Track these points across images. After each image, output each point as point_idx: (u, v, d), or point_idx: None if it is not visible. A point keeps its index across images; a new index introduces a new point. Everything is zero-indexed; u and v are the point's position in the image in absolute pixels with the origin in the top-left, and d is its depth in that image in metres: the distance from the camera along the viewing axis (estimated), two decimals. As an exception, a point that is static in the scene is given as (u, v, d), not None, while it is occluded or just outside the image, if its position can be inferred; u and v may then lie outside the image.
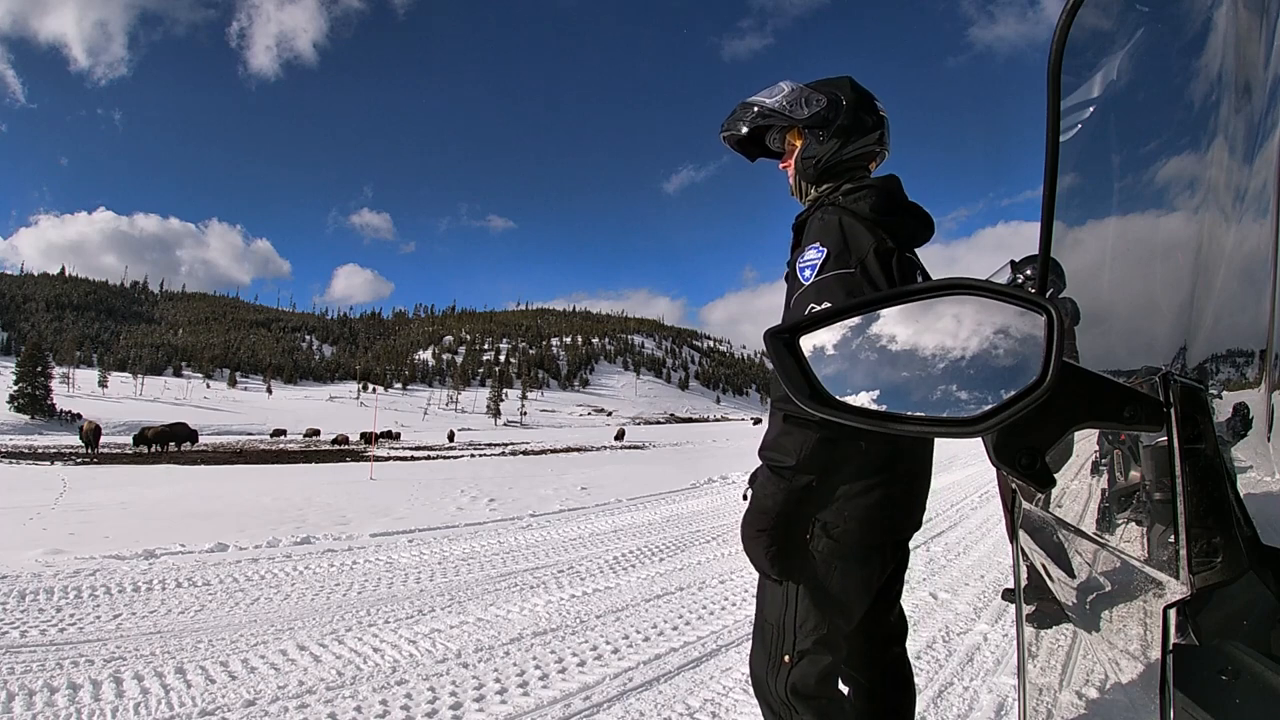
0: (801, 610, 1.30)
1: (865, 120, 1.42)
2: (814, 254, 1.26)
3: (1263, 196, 0.43)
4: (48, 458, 22.52)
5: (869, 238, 1.27)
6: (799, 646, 1.29)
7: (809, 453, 1.20)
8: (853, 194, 1.35)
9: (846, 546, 1.29)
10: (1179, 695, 0.43)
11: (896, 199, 1.39)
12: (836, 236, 1.27)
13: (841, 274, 1.23)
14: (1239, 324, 0.48)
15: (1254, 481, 0.46)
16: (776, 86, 1.45)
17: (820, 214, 1.32)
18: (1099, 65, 0.74)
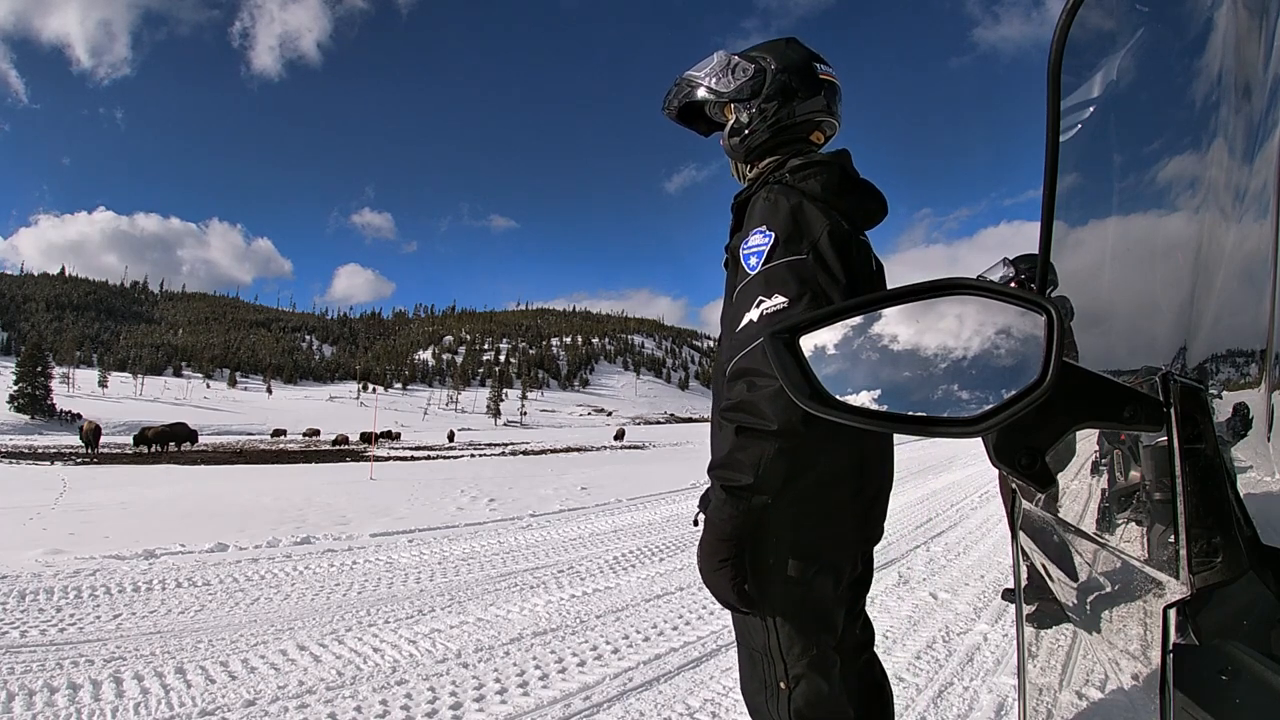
0: (785, 636, 1.20)
1: (798, 88, 1.28)
2: (760, 239, 1.14)
3: (1263, 196, 0.43)
4: (48, 458, 22.52)
5: (821, 220, 1.15)
6: (793, 672, 1.20)
7: (767, 467, 1.07)
8: (801, 171, 1.22)
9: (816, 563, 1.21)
10: (1179, 695, 0.43)
11: (849, 177, 1.27)
12: (785, 219, 1.14)
13: (792, 261, 1.11)
14: (1239, 324, 0.48)
15: (1254, 481, 0.46)
16: (710, 57, 1.33)
17: (765, 194, 1.19)
18: (1099, 65, 0.74)
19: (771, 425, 1.03)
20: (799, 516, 1.18)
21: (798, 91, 1.27)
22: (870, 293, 1.12)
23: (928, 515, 6.26)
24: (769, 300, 1.09)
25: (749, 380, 1.06)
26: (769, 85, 1.27)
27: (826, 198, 1.19)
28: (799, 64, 1.28)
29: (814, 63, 1.30)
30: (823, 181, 1.21)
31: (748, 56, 1.30)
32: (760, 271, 1.11)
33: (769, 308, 1.08)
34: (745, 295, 1.12)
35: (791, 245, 1.12)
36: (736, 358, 1.09)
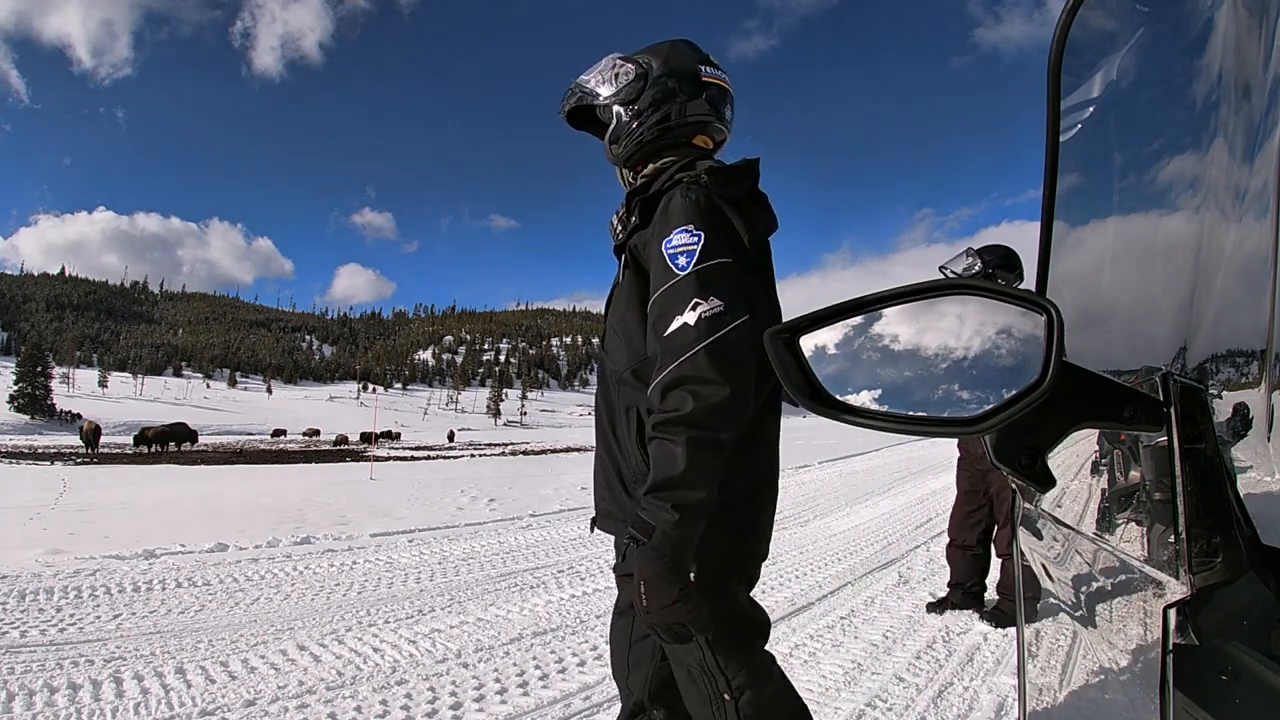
0: (721, 652, 1.16)
1: (680, 90, 1.25)
2: (688, 238, 1.09)
3: (1263, 196, 0.43)
4: (48, 458, 22.52)
5: (741, 225, 1.14)
6: (735, 682, 1.16)
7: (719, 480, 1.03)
8: (720, 176, 1.18)
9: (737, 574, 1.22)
10: (1179, 695, 0.43)
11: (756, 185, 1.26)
12: (712, 221, 1.11)
13: (724, 263, 1.08)
14: (1239, 324, 0.48)
15: (1254, 481, 0.46)
16: (599, 61, 1.32)
17: (684, 192, 1.14)
18: (1099, 65, 0.74)
19: (722, 436, 1.01)
20: (728, 529, 1.15)
21: (678, 94, 1.25)
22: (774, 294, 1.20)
23: (927, 515, 6.26)
24: (706, 303, 1.05)
25: (691, 390, 1.01)
26: (650, 88, 1.25)
27: (741, 204, 1.18)
28: (683, 66, 1.26)
29: (700, 65, 1.28)
30: (739, 188, 1.19)
31: (632, 59, 1.28)
32: (693, 272, 1.06)
33: (707, 311, 1.04)
34: (675, 296, 1.06)
35: (720, 247, 1.09)
36: (673, 365, 1.03)
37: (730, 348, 1.02)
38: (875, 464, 12.07)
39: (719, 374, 1.01)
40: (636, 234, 1.19)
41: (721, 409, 1.00)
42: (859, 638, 3.01)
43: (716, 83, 1.29)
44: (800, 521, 6.16)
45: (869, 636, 3.02)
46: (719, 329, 1.03)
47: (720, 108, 1.29)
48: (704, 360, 1.01)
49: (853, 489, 8.57)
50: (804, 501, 7.46)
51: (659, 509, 1.00)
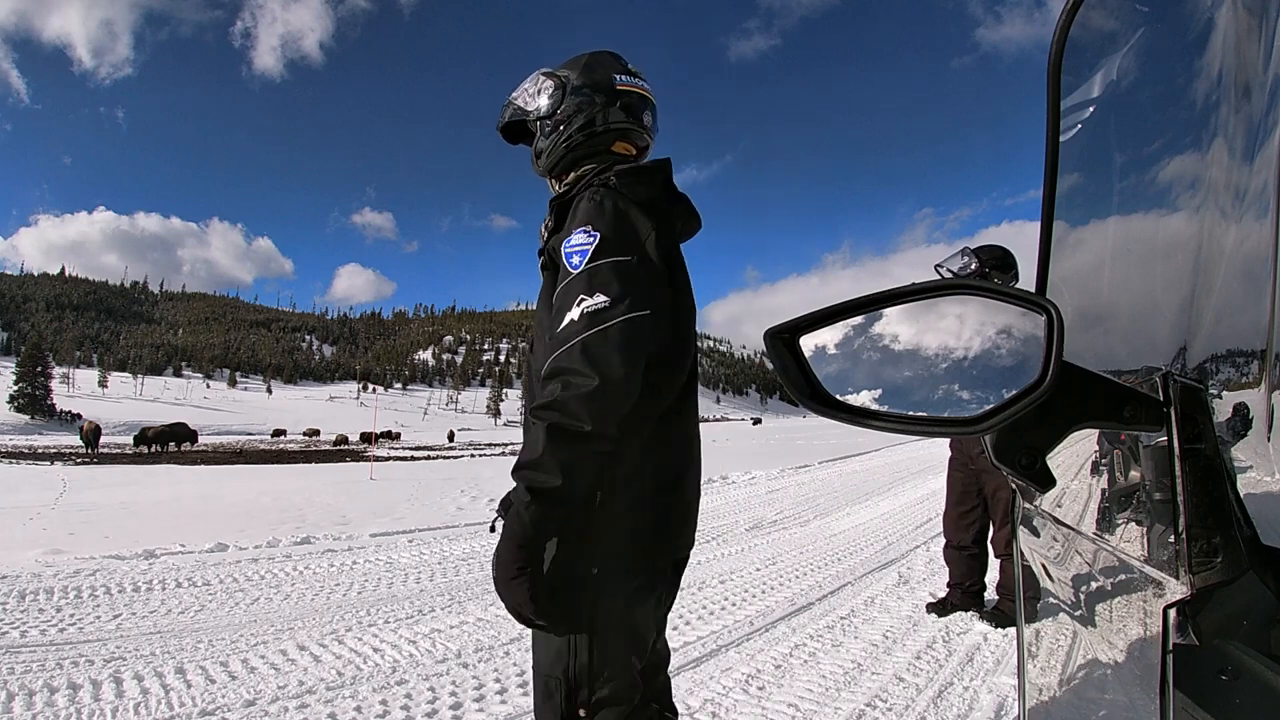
0: (597, 656, 1.12)
1: (595, 100, 1.28)
2: (584, 238, 1.11)
3: (1263, 196, 0.43)
4: (48, 458, 22.52)
5: (646, 224, 1.16)
6: (596, 695, 1.12)
7: (578, 471, 1.02)
8: (628, 177, 1.20)
9: (628, 575, 1.15)
10: (1179, 695, 0.43)
11: (671, 186, 1.28)
12: (611, 221, 1.13)
13: (617, 261, 1.09)
14: (1239, 324, 0.48)
15: (1254, 481, 0.46)
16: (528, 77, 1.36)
17: (590, 194, 1.16)
18: (1099, 65, 0.74)
19: (585, 426, 1.01)
20: (608, 524, 1.13)
21: (595, 105, 1.28)
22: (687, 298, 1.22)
23: (927, 515, 6.26)
24: (590, 299, 1.07)
25: (564, 379, 1.03)
26: (566, 101, 1.28)
27: (653, 205, 1.20)
28: (599, 77, 1.29)
29: (616, 74, 1.30)
30: (649, 189, 1.21)
31: (553, 74, 1.31)
32: (584, 270, 1.09)
33: (590, 306, 1.06)
34: (567, 294, 1.09)
35: (616, 246, 1.11)
36: (554, 356, 1.06)
37: (607, 341, 1.04)
38: (875, 464, 12.07)
39: (589, 366, 1.03)
40: (553, 238, 1.22)
41: (587, 400, 1.01)
42: (859, 638, 3.01)
43: (633, 90, 1.31)
44: (800, 522, 6.16)
45: (869, 636, 3.02)
46: (598, 324, 1.05)
47: (639, 114, 1.32)
48: (578, 353, 1.04)
49: (853, 489, 8.57)
50: (804, 501, 7.46)
51: (517, 487, 1.04)
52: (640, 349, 1.06)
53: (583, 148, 1.30)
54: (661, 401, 1.18)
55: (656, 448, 1.18)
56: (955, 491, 3.43)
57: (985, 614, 3.21)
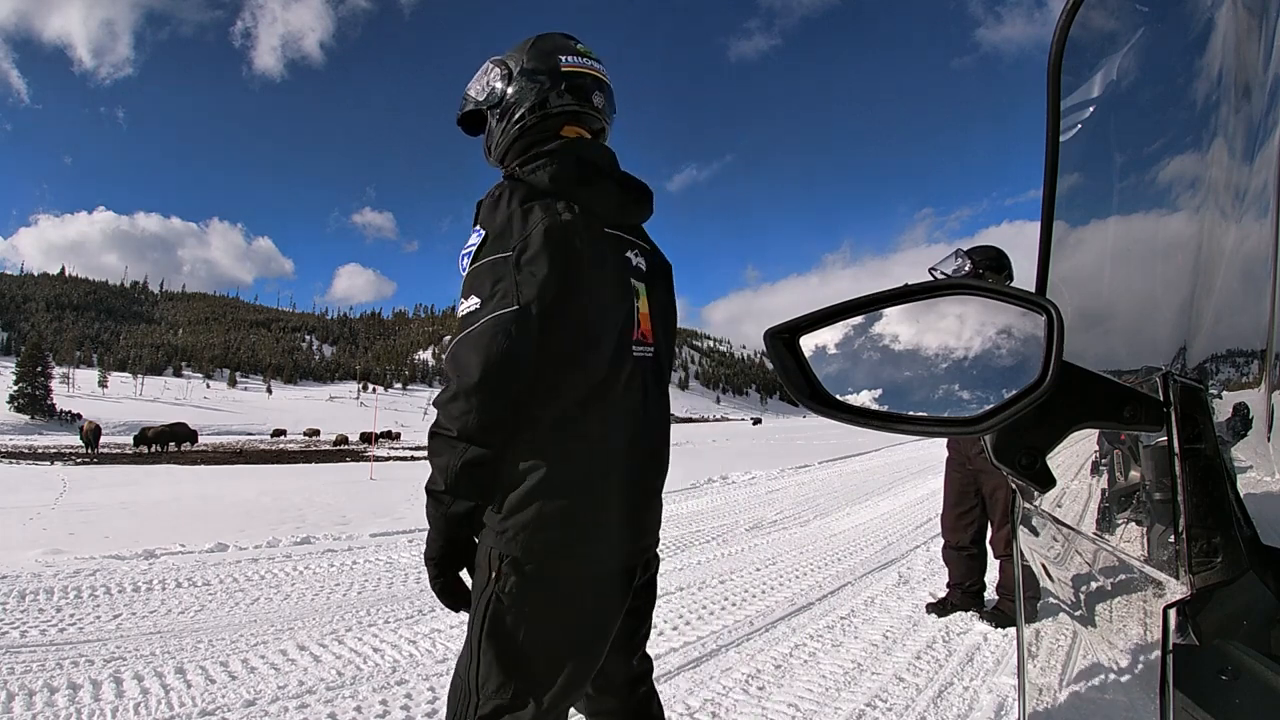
0: (484, 666, 1.07)
1: (538, 84, 1.21)
2: (473, 239, 1.09)
3: (1263, 196, 0.43)
4: (48, 458, 22.52)
5: (540, 214, 1.07)
6: (480, 711, 1.07)
7: (456, 476, 1.02)
8: (531, 164, 1.15)
9: (545, 585, 1.08)
10: (1179, 695, 0.43)
11: (589, 165, 1.18)
12: (501, 215, 1.08)
13: (495, 260, 1.05)
14: (1239, 324, 0.48)
15: (1254, 481, 0.46)
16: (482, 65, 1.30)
17: (492, 190, 1.12)
18: (1099, 65, 0.74)
19: (451, 431, 1.02)
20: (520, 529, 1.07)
21: (542, 88, 1.22)
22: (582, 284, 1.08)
23: (927, 515, 6.26)
24: (465, 302, 1.06)
25: (445, 384, 1.06)
26: (513, 86, 1.22)
27: (557, 189, 1.12)
28: (543, 60, 1.23)
29: (560, 55, 1.24)
30: (551, 172, 1.13)
31: (500, 60, 1.26)
32: (468, 272, 1.08)
33: (463, 310, 1.06)
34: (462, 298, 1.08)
35: (499, 243, 1.06)
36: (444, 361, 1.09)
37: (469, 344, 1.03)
38: (875, 464, 12.07)
39: (454, 369, 1.03)
40: None
41: (449, 404, 1.03)
42: (859, 638, 3.01)
43: (582, 71, 1.24)
44: (800, 522, 6.16)
45: (869, 636, 3.02)
46: (465, 327, 1.04)
47: (589, 95, 1.25)
48: (448, 357, 1.06)
49: (853, 489, 8.57)
50: (804, 501, 7.47)
51: None
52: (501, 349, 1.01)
53: (533, 132, 1.22)
54: (563, 398, 1.09)
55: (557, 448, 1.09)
56: (953, 492, 3.43)
57: (985, 614, 3.21)
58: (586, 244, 1.11)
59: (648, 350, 1.22)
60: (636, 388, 1.18)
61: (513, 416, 1.06)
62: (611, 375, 1.13)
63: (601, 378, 1.12)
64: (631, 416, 1.17)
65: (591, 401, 1.11)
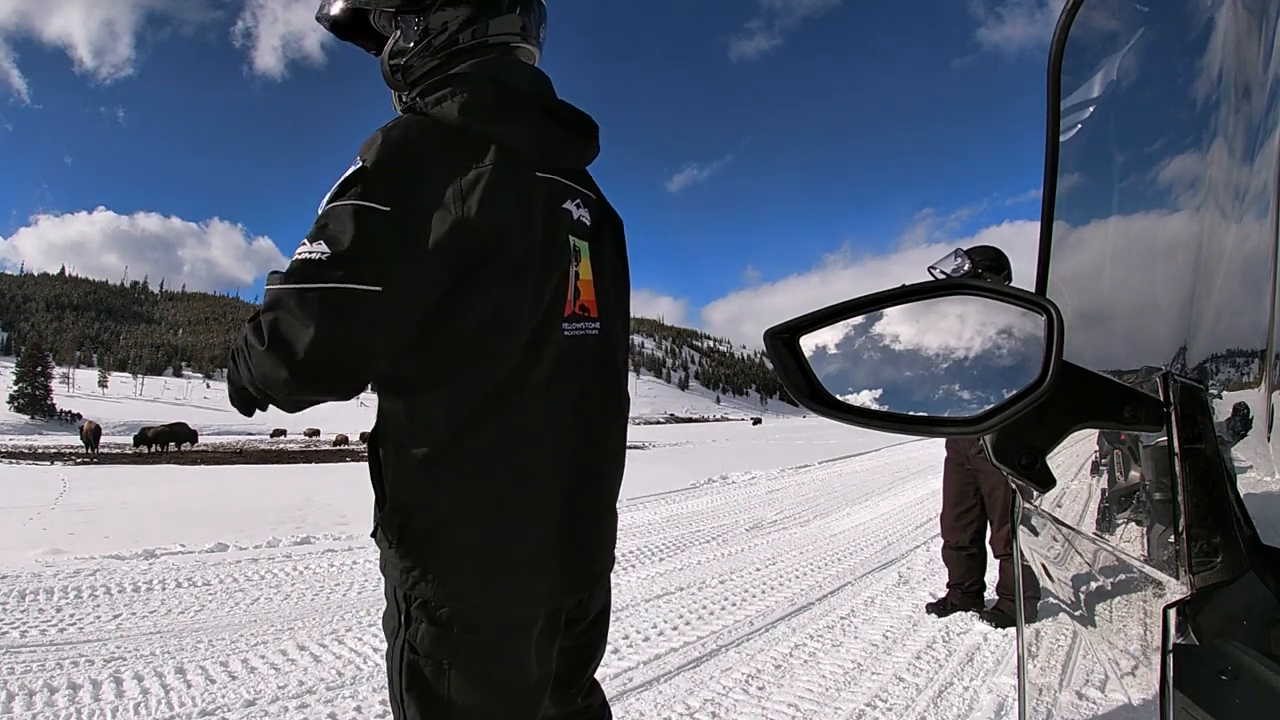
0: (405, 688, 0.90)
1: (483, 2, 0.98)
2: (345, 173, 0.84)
3: (1263, 196, 0.43)
4: (48, 458, 22.52)
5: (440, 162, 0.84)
6: None
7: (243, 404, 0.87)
8: (436, 91, 0.89)
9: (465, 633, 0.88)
10: (1179, 695, 0.43)
11: (510, 94, 0.92)
12: (390, 152, 0.83)
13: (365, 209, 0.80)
14: (1239, 324, 0.48)
15: (1254, 481, 0.46)
16: None
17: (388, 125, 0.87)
18: (1099, 65, 0.74)
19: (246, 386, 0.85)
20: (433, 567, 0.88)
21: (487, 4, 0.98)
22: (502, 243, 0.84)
23: (927, 515, 6.26)
24: (309, 245, 0.81)
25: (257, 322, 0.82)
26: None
27: (470, 124, 0.87)
28: None
29: None
30: (463, 102, 0.87)
31: None
32: (324, 208, 0.83)
33: (304, 253, 0.80)
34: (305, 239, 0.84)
35: (378, 186, 0.82)
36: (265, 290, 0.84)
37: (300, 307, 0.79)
38: (875, 464, 12.07)
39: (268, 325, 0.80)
40: None
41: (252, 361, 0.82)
42: (859, 638, 3.01)
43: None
44: (800, 522, 6.16)
45: (869, 636, 3.02)
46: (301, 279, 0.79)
47: (534, 26, 1.03)
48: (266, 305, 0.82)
49: (853, 489, 8.57)
50: (804, 501, 7.47)
51: None
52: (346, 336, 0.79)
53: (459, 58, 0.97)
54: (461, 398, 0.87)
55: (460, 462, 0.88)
56: (952, 492, 3.43)
57: (985, 614, 3.21)
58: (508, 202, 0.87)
59: (590, 326, 0.98)
60: (571, 375, 0.94)
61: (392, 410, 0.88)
62: (529, 361, 0.89)
63: (517, 366, 0.89)
64: (564, 412, 0.93)
65: (505, 393, 0.88)
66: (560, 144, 0.97)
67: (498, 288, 0.87)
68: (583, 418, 0.96)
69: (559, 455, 0.93)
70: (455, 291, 0.85)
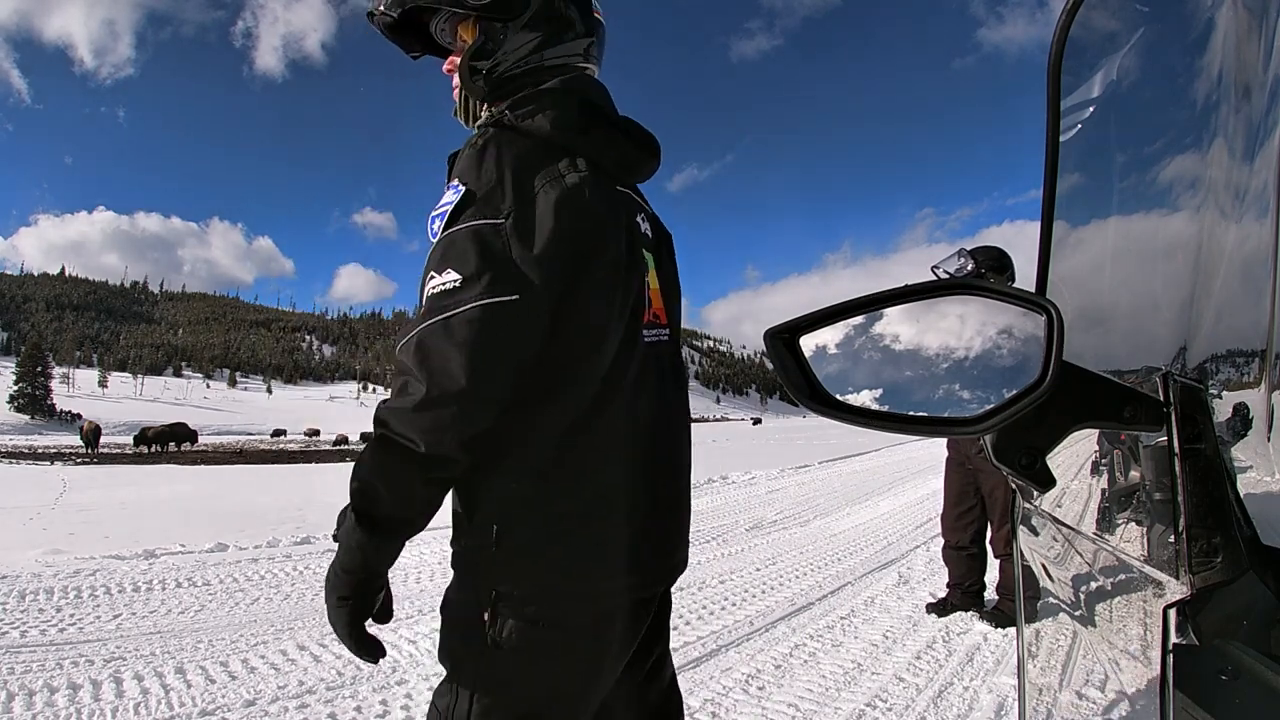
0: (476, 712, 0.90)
1: (569, 17, 1.00)
2: (449, 195, 0.87)
3: (1263, 196, 0.43)
4: (48, 458, 22.53)
5: (538, 170, 0.87)
6: None
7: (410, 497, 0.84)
8: (525, 106, 0.92)
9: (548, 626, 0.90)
10: (1179, 695, 0.43)
11: (594, 108, 0.96)
12: (489, 170, 0.86)
13: (481, 228, 0.83)
14: (1239, 324, 0.48)
15: (1254, 481, 0.46)
16: None
17: (473, 139, 0.91)
18: (1099, 65, 0.74)
19: (418, 447, 0.82)
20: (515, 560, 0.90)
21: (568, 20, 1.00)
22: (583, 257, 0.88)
23: (927, 515, 6.26)
24: (439, 276, 0.83)
25: (403, 383, 0.84)
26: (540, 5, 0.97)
27: (560, 138, 0.91)
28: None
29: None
30: (553, 117, 0.91)
31: None
32: (440, 238, 0.85)
33: (437, 286, 0.83)
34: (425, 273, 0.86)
35: (487, 204, 0.85)
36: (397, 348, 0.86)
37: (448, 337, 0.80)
38: (875, 464, 12.07)
39: (422, 368, 0.81)
40: None
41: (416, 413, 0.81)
42: (859, 638, 3.01)
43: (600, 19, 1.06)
44: (800, 522, 6.16)
45: (869, 636, 3.02)
46: (439, 311, 0.81)
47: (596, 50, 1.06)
48: (413, 348, 0.83)
49: (853, 489, 8.57)
50: (804, 501, 7.47)
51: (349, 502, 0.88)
52: (497, 348, 0.81)
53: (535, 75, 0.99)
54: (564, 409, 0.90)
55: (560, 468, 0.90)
56: (953, 491, 3.44)
57: (985, 614, 3.21)
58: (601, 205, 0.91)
59: (662, 333, 1.03)
60: (651, 378, 0.99)
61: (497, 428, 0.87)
62: (619, 372, 0.94)
63: (611, 371, 0.93)
64: (648, 412, 0.98)
65: (598, 407, 0.92)
66: (633, 160, 1.02)
67: (593, 295, 0.90)
68: (662, 418, 1.01)
69: (645, 455, 0.97)
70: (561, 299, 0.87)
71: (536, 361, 0.87)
